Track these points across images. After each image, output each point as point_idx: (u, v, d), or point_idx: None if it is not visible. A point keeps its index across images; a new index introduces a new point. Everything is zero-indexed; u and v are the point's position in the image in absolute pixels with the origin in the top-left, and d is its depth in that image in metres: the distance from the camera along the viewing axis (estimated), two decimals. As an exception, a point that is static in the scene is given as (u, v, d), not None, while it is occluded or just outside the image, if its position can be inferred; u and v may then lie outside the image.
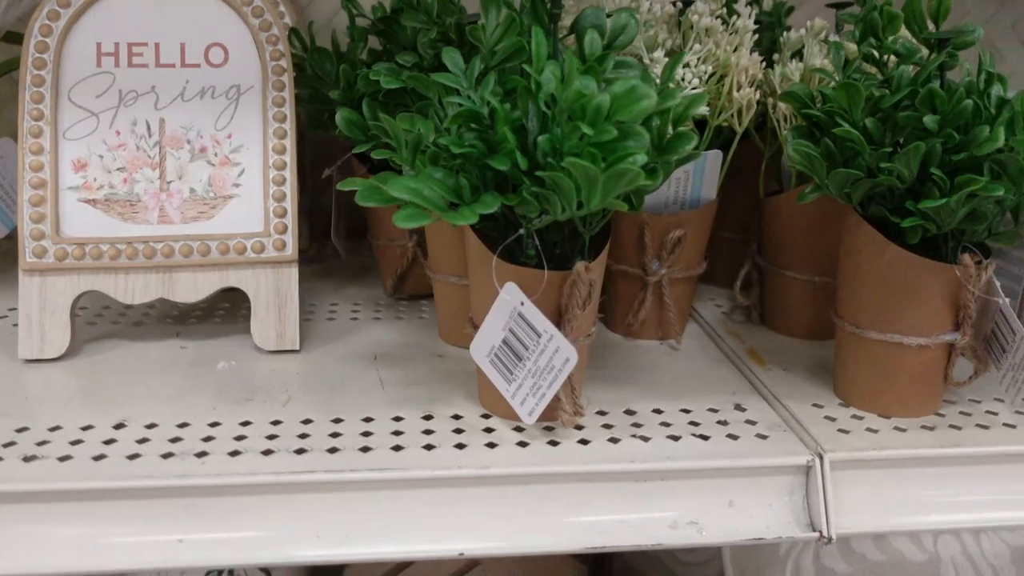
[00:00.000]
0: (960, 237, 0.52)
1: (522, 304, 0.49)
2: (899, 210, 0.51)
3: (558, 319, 0.50)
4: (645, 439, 0.53)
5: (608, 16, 0.50)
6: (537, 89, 0.45)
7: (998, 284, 0.52)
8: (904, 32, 0.53)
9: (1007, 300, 0.52)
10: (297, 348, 0.63)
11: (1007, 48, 0.98)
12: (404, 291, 0.74)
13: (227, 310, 0.72)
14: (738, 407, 0.57)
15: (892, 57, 0.53)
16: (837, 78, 0.54)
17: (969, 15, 0.96)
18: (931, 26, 0.51)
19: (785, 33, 0.65)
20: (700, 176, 0.62)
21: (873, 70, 0.55)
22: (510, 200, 0.46)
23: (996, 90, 0.49)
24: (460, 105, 0.48)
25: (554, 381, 0.49)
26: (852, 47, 0.58)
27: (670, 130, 0.47)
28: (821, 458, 0.51)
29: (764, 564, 0.72)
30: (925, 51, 0.53)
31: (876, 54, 0.53)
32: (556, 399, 0.51)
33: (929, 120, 0.48)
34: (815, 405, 0.57)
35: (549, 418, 0.52)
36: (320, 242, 0.90)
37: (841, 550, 0.69)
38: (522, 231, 0.49)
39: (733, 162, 0.67)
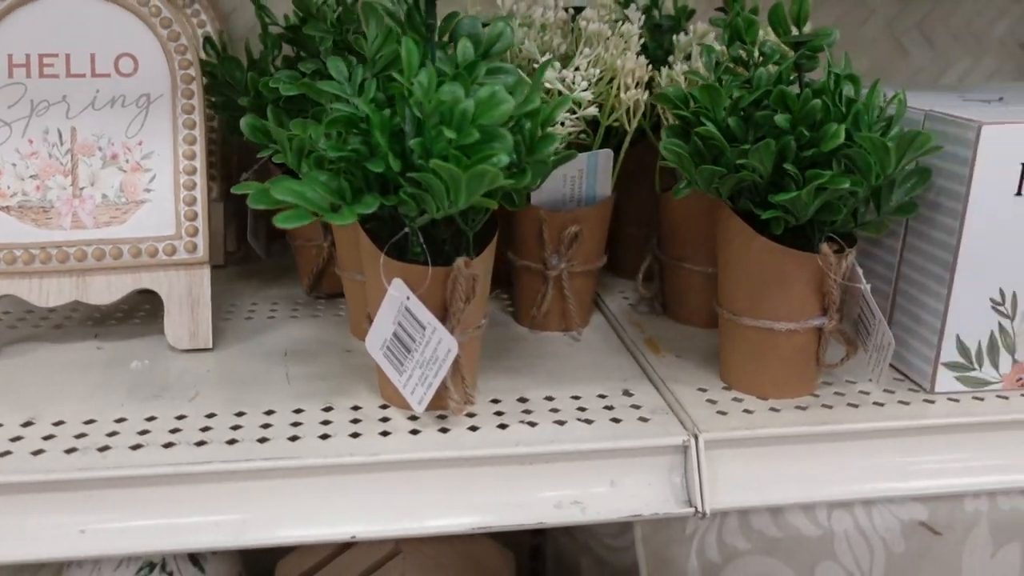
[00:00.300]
0: (824, 228, 0.55)
1: (408, 299, 0.52)
2: (763, 203, 0.54)
3: (444, 312, 0.53)
4: (533, 424, 0.55)
5: (486, 25, 0.53)
6: (409, 95, 0.47)
7: (860, 271, 0.56)
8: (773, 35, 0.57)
9: (868, 286, 0.56)
10: (210, 346, 0.65)
11: (912, 45, 1.01)
12: (322, 290, 0.77)
13: (148, 311, 0.74)
14: (626, 392, 0.60)
15: (761, 58, 0.57)
16: (710, 79, 0.57)
17: (875, 14, 0.99)
18: (793, 29, 0.55)
19: (675, 37, 0.68)
20: (593, 174, 0.65)
21: (744, 71, 0.58)
22: (390, 200, 0.49)
23: (846, 90, 0.52)
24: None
25: (439, 371, 0.52)
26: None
27: (540, 132, 0.50)
28: (697, 438, 0.54)
29: (672, 542, 0.74)
30: (791, 53, 0.56)
31: (744, 56, 0.56)
32: (446, 388, 0.54)
33: (780, 119, 0.51)
34: (700, 389, 0.60)
35: (442, 407, 0.55)
36: (247, 244, 0.92)
37: (742, 527, 0.72)
38: (407, 229, 0.52)
39: (636, 160, 0.70)
